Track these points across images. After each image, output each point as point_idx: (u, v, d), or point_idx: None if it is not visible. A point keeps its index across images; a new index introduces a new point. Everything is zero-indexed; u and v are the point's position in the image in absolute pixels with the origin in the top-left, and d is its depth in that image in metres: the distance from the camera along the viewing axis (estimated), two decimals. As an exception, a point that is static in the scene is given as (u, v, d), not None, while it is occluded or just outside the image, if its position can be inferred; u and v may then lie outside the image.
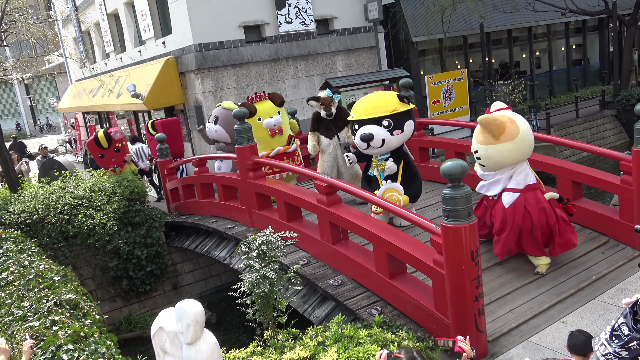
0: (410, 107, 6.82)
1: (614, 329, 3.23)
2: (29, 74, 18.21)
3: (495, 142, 5.57)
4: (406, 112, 6.76)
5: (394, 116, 6.64)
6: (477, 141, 5.74)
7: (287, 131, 8.81)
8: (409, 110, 6.80)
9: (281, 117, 8.65)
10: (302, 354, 4.14)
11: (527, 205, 5.67)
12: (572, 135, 16.79)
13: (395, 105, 6.69)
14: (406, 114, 6.77)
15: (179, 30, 13.87)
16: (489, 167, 5.80)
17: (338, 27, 15.63)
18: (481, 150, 5.71)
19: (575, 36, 23.21)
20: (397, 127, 6.66)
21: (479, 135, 5.72)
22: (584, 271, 5.88)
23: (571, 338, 3.27)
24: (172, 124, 11.69)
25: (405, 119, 6.75)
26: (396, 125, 6.65)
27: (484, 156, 5.71)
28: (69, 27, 23.29)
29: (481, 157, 5.75)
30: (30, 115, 42.39)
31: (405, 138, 6.88)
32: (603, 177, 6.58)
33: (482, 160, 5.78)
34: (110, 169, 11.48)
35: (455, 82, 14.54)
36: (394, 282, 5.45)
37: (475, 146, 5.78)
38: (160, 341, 3.12)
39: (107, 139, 11.50)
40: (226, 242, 8.43)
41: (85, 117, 23.53)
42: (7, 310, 5.46)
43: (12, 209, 9.24)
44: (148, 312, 10.04)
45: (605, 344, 2.75)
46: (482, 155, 5.73)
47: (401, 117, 6.69)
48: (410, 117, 6.85)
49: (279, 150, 8.61)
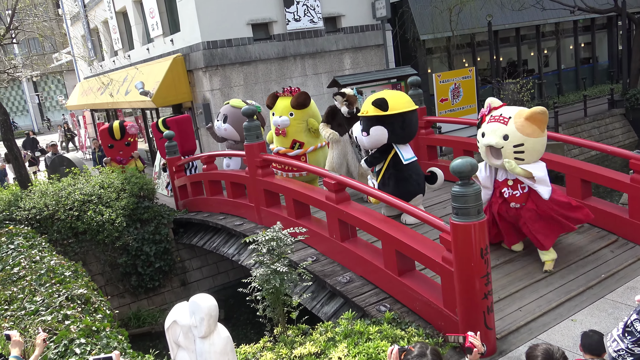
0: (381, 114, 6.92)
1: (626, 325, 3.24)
2: (37, 71, 18.35)
3: (542, 134, 5.65)
4: (375, 117, 7.00)
5: (363, 118, 7.19)
6: (525, 134, 5.57)
7: (293, 135, 8.59)
8: (379, 116, 6.97)
9: (295, 119, 8.48)
10: (313, 349, 4.17)
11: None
12: (581, 134, 16.73)
13: (366, 109, 7.11)
14: (375, 119, 7.02)
15: (187, 27, 13.92)
16: (531, 159, 5.72)
17: (346, 25, 15.64)
18: (529, 143, 5.61)
19: (583, 34, 23.10)
20: (364, 129, 7.18)
21: (526, 127, 5.58)
22: (592, 269, 5.87)
23: (585, 338, 3.27)
24: (184, 121, 11.70)
25: (373, 124, 7.05)
26: (364, 128, 7.19)
27: (531, 149, 5.65)
28: (78, 25, 23.39)
29: (526, 151, 5.64)
30: (39, 113, 42.62)
31: (373, 142, 7.19)
32: (612, 175, 6.56)
33: (527, 154, 5.66)
34: (117, 160, 11.67)
35: (463, 80, 14.53)
36: (403, 279, 5.47)
37: (520, 139, 5.60)
38: (174, 335, 3.15)
39: (121, 131, 11.66)
40: (234, 238, 8.46)
41: (94, 115, 23.65)
42: (19, 305, 5.53)
43: (22, 205, 9.32)
44: (156, 308, 10.11)
45: (617, 340, 2.77)
46: (528, 148, 5.64)
47: (369, 121, 7.08)
48: (382, 124, 6.99)
49: (279, 151, 8.60)
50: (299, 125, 8.59)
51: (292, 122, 8.49)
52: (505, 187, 5.95)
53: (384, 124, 6.99)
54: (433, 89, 14.54)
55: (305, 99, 8.52)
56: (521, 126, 5.59)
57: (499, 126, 5.71)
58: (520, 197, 5.87)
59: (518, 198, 5.87)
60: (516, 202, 5.89)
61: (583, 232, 6.67)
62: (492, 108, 5.94)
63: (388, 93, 7.24)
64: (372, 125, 7.04)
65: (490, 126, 5.80)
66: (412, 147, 7.60)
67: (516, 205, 5.89)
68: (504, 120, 5.71)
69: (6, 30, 10.37)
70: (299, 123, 8.58)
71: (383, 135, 7.06)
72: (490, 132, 5.78)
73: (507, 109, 5.85)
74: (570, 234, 6.62)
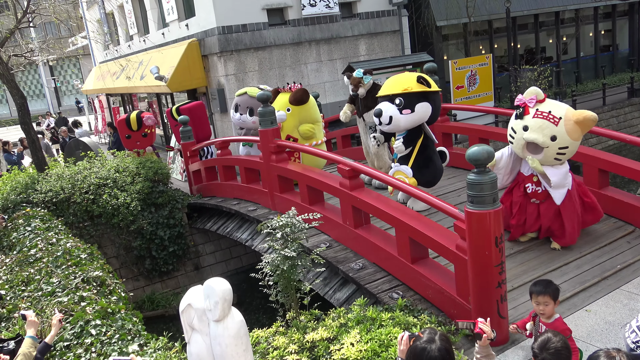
0: (427, 90, 6.76)
1: (647, 316, 3.19)
2: (53, 55, 18.47)
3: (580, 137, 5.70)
4: (421, 93, 6.72)
5: (405, 95, 6.69)
6: (572, 138, 5.60)
7: (287, 131, 8.67)
8: (425, 93, 6.75)
9: (291, 115, 8.49)
10: (325, 334, 4.19)
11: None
12: (599, 123, 16.29)
13: (409, 85, 6.71)
14: (420, 95, 6.74)
15: (203, 12, 13.88)
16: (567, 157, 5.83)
17: (362, 11, 15.49)
18: (572, 147, 5.70)
19: (604, 21, 22.64)
20: (407, 106, 6.70)
21: (575, 132, 5.60)
22: (608, 260, 5.81)
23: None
24: (197, 108, 11.66)
25: (418, 100, 6.73)
26: (406, 105, 6.70)
27: (571, 151, 5.74)
28: (94, 9, 23.45)
29: (567, 153, 5.72)
30: (55, 97, 42.98)
31: (416, 120, 6.82)
32: (631, 165, 6.46)
33: (566, 156, 5.76)
34: (134, 151, 11.71)
35: (480, 68, 14.33)
36: (416, 267, 5.45)
37: (567, 142, 5.61)
38: (188, 318, 3.18)
39: (138, 122, 11.70)
40: (248, 224, 8.51)
41: (109, 99, 23.79)
42: (36, 286, 5.62)
43: (39, 188, 9.43)
44: (170, 291, 10.22)
45: (636, 331, 2.73)
46: (570, 151, 5.73)
47: (413, 98, 6.71)
48: (427, 100, 6.77)
49: None
50: (295, 122, 8.64)
51: (289, 118, 8.57)
52: (530, 182, 6.02)
53: (428, 100, 6.79)
54: (449, 76, 14.36)
55: (303, 95, 8.57)
56: (571, 129, 5.56)
57: (548, 125, 5.60)
58: (542, 194, 5.97)
59: (539, 195, 5.97)
60: (537, 199, 6.00)
61: (600, 222, 6.58)
62: (538, 101, 5.77)
63: (413, 74, 7.08)
64: (418, 102, 6.71)
65: (537, 122, 5.66)
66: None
67: (536, 202, 6.02)
68: (554, 120, 5.59)
69: (23, 13, 10.41)
70: (296, 119, 8.62)
71: (427, 112, 6.81)
72: (537, 129, 5.65)
73: (555, 106, 5.70)
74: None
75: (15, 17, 10.68)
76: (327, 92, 14.99)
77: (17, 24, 10.41)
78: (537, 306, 3.93)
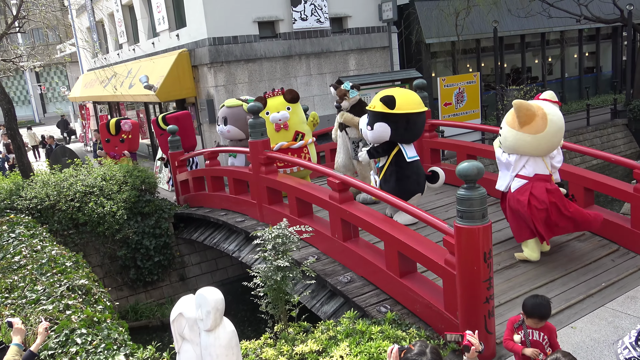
0: (386, 111, 6.96)
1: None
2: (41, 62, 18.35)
3: (518, 128, 5.76)
4: (380, 113, 7.03)
5: (369, 112, 7.26)
6: (506, 120, 5.95)
7: (294, 127, 8.75)
8: (385, 114, 6.99)
9: (293, 112, 8.66)
10: (314, 347, 4.17)
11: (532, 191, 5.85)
12: (583, 143, 16.74)
13: (374, 103, 7.16)
14: (380, 116, 7.04)
15: (194, 23, 13.93)
16: (504, 147, 6.07)
17: (352, 26, 15.66)
18: (504, 130, 5.96)
19: (588, 43, 23.14)
20: (369, 123, 7.21)
21: (509, 115, 5.92)
22: (593, 278, 5.88)
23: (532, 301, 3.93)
24: (184, 118, 11.71)
25: (377, 119, 7.09)
26: (369, 122, 7.21)
27: (504, 136, 5.98)
28: (83, 17, 23.39)
29: (501, 135, 6.02)
30: (40, 104, 42.57)
31: (376, 137, 7.19)
32: (615, 184, 6.58)
33: (501, 138, 6.05)
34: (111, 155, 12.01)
35: (468, 85, 14.53)
36: (404, 281, 5.47)
37: (502, 123, 6.02)
38: (179, 327, 3.16)
39: (116, 127, 12.01)
40: (235, 235, 8.47)
41: (96, 107, 23.64)
42: (20, 293, 5.53)
43: (24, 195, 9.31)
44: (154, 302, 10.11)
45: (629, 348, 2.76)
46: (502, 134, 5.99)
47: (375, 117, 7.12)
48: (386, 121, 7.01)
49: (282, 145, 8.58)
50: (297, 118, 8.80)
51: (291, 115, 8.64)
52: None
53: (388, 121, 7.01)
54: (437, 93, 14.55)
55: (296, 93, 8.89)
56: (509, 112, 5.97)
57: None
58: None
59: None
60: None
61: (584, 240, 6.69)
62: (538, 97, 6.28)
63: (399, 91, 7.29)
64: (376, 121, 7.08)
65: None
66: (416, 149, 7.60)
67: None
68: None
69: (14, 19, 10.36)
70: (297, 116, 8.81)
71: (385, 132, 7.09)
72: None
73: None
74: (572, 241, 6.66)
75: (5, 22, 10.62)
76: (316, 105, 15.07)
77: (7, 29, 10.36)
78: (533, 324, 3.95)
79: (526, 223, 5.97)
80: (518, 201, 5.92)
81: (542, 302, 3.94)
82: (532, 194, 5.83)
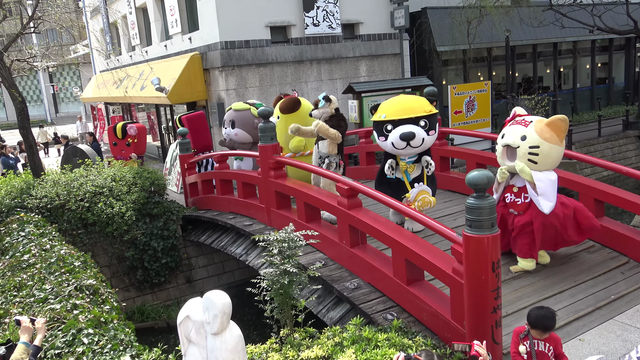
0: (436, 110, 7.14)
1: (647, 347, 3.20)
2: (54, 62, 18.52)
3: (559, 143, 5.76)
4: (436, 114, 7.10)
5: (429, 117, 6.91)
6: (542, 137, 5.70)
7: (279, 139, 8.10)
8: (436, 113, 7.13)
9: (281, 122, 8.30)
10: (320, 352, 4.16)
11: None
12: (594, 154, 16.63)
13: (430, 107, 7.01)
14: (436, 116, 7.11)
15: (206, 27, 14.01)
16: (543, 165, 5.81)
17: (364, 33, 15.69)
18: (544, 147, 5.72)
19: (601, 54, 23.01)
20: (431, 127, 6.94)
21: (545, 131, 5.72)
22: (602, 290, 5.83)
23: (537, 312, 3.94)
24: (197, 118, 11.84)
25: (436, 120, 7.09)
26: (431, 126, 6.92)
27: (546, 154, 5.74)
28: (97, 18, 23.59)
29: (540, 154, 5.74)
30: (53, 104, 42.93)
31: (435, 139, 7.18)
32: (627, 196, 6.52)
33: (540, 157, 5.76)
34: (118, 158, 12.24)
35: (478, 94, 14.50)
36: (411, 289, 5.45)
37: (536, 141, 5.73)
38: (186, 330, 3.16)
39: (123, 131, 12.29)
40: (243, 238, 8.48)
41: (108, 108, 23.81)
42: (28, 292, 5.56)
43: (34, 193, 9.39)
44: (161, 303, 10.13)
45: (637, 363, 2.75)
46: (543, 152, 5.73)
47: (434, 118, 7.02)
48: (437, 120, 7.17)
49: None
50: (282, 131, 8.30)
51: (277, 125, 8.27)
52: (509, 192, 6.18)
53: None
54: (447, 101, 14.52)
55: (294, 104, 8.35)
56: (540, 129, 5.76)
57: (519, 127, 5.94)
58: (520, 206, 6.05)
59: (518, 206, 6.07)
60: (515, 209, 6.10)
61: (594, 252, 6.64)
62: (517, 115, 6.15)
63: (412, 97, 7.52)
64: (436, 122, 7.05)
65: (511, 128, 6.03)
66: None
67: (514, 212, 6.11)
68: (524, 123, 5.94)
69: (29, 19, 10.47)
70: (284, 128, 8.23)
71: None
72: (510, 133, 6.00)
73: (531, 117, 6.07)
74: (581, 253, 6.61)
75: (21, 22, 10.73)
76: (326, 111, 15.06)
77: (22, 30, 10.46)
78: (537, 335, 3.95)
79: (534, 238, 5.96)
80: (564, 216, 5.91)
81: (546, 314, 3.93)
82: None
